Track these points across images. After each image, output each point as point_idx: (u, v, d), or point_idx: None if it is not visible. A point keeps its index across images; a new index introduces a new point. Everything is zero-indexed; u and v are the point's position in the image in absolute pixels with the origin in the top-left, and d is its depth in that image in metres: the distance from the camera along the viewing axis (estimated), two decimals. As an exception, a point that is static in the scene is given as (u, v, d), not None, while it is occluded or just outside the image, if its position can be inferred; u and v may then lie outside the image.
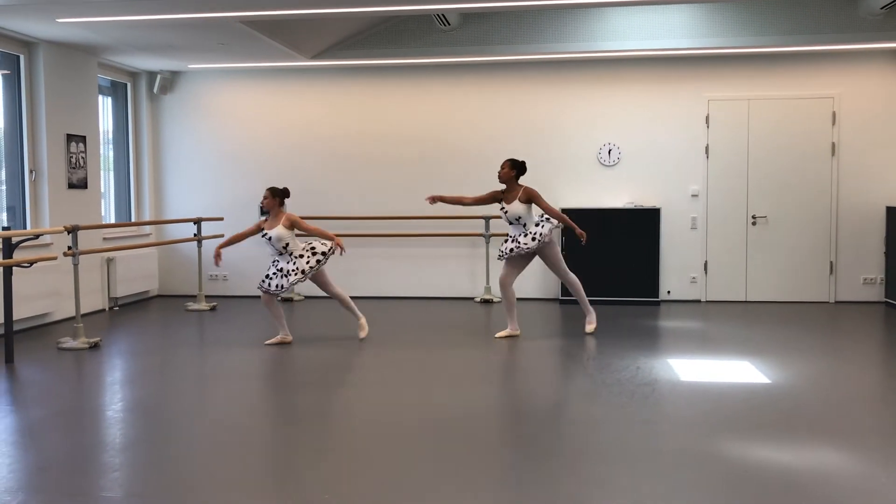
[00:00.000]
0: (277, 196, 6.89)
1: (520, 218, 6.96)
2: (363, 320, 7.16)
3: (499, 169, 7.08)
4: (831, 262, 9.19)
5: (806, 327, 7.74)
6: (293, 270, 6.74)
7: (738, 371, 5.91)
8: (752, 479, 3.76)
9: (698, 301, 9.35)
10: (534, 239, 6.91)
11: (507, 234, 7.16)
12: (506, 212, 7.00)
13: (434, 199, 7.22)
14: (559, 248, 7.20)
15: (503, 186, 7.10)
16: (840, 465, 3.95)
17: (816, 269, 9.21)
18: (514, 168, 7.01)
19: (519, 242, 6.95)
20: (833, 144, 9.10)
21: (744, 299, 9.31)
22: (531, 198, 6.94)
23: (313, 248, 6.85)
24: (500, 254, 7.12)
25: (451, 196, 7.40)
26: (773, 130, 9.17)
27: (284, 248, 6.80)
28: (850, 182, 9.11)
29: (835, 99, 9.07)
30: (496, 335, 7.21)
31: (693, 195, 9.32)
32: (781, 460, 4.02)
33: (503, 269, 7.15)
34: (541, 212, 7.08)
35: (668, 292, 9.37)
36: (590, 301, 7.46)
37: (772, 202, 9.21)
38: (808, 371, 5.90)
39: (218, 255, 6.86)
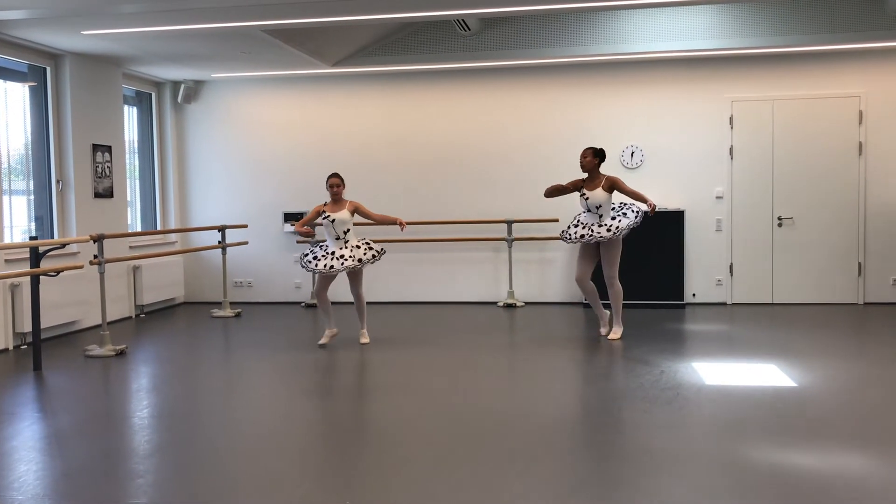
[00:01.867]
0: (343, 183, 7.11)
1: (600, 206, 7.01)
2: (365, 329, 7.33)
3: (580, 158, 7.12)
4: (859, 263, 9.06)
5: (834, 329, 7.64)
6: (351, 256, 6.89)
7: (764, 374, 5.84)
8: (778, 485, 3.71)
9: (724, 304, 9.26)
10: (609, 230, 6.92)
11: (577, 220, 7.18)
12: (587, 199, 7.04)
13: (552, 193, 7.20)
14: (620, 251, 7.12)
15: (584, 175, 7.16)
16: (868, 471, 3.89)
17: (844, 270, 9.09)
18: (597, 156, 7.06)
19: (592, 231, 6.97)
20: (860, 144, 8.98)
21: (770, 301, 9.21)
22: (614, 185, 7.00)
23: (369, 243, 7.06)
24: (567, 237, 7.16)
25: (552, 187, 7.26)
26: (799, 131, 9.07)
27: (345, 233, 6.94)
28: (878, 182, 8.98)
29: (861, 98, 8.95)
30: (609, 337, 7.21)
31: (717, 197, 9.24)
32: (808, 465, 3.97)
33: (578, 269, 7.18)
34: (617, 204, 7.11)
35: (693, 295, 9.29)
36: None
37: (798, 203, 9.10)
38: (835, 374, 5.82)
39: (304, 231, 6.91)
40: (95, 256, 7.02)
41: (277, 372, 6.38)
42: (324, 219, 6.97)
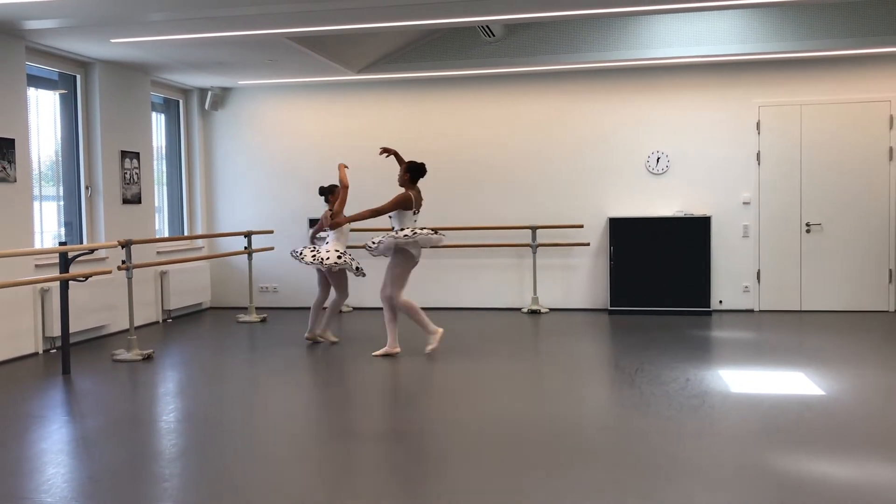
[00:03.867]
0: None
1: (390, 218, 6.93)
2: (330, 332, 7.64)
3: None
4: (890, 270, 8.93)
5: (863, 337, 7.53)
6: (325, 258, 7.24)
7: (792, 382, 5.77)
8: (805, 495, 3.65)
9: (751, 311, 9.17)
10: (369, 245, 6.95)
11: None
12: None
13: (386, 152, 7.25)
14: (399, 269, 6.86)
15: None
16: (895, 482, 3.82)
17: (874, 277, 8.96)
18: (408, 172, 7.01)
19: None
20: (890, 149, 8.86)
21: (798, 309, 9.10)
22: None
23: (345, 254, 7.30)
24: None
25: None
26: (827, 136, 8.96)
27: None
28: (909, 187, 8.86)
29: (891, 102, 8.84)
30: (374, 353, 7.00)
31: (745, 203, 9.16)
32: (836, 475, 3.91)
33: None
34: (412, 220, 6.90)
35: (720, 302, 9.21)
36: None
37: (827, 209, 9.00)
38: (864, 383, 5.74)
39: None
40: (123, 262, 7.10)
41: (302, 377, 6.41)
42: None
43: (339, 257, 7.19)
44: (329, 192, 7.63)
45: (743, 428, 4.72)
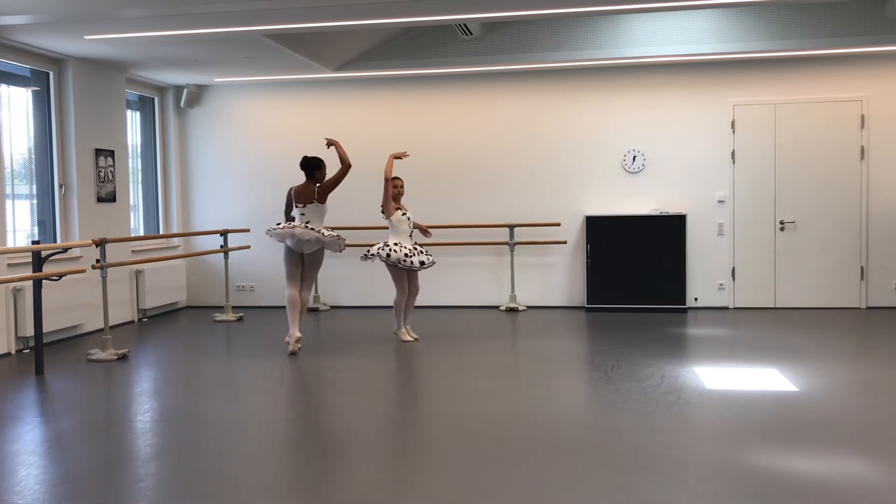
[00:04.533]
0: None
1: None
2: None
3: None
4: (862, 268, 9.05)
5: (836, 334, 7.63)
6: (425, 252, 7.32)
7: (766, 379, 5.83)
8: (779, 490, 3.70)
9: (726, 308, 9.26)
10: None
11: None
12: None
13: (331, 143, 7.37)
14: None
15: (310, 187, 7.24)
16: (870, 476, 3.88)
17: (847, 274, 9.08)
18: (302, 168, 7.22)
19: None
20: (862, 148, 8.98)
21: (773, 306, 9.20)
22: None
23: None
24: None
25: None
26: (801, 135, 9.07)
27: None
28: (881, 186, 8.98)
29: (863, 102, 8.95)
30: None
31: (719, 201, 9.24)
32: (809, 470, 3.96)
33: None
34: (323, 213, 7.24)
35: (696, 299, 9.29)
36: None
37: (800, 207, 9.10)
38: (837, 379, 5.81)
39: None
40: (98, 260, 7.03)
41: (279, 376, 6.39)
42: (402, 214, 7.32)
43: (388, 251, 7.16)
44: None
45: (718, 424, 4.76)
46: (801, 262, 9.13)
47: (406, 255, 7.17)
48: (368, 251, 7.26)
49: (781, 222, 9.14)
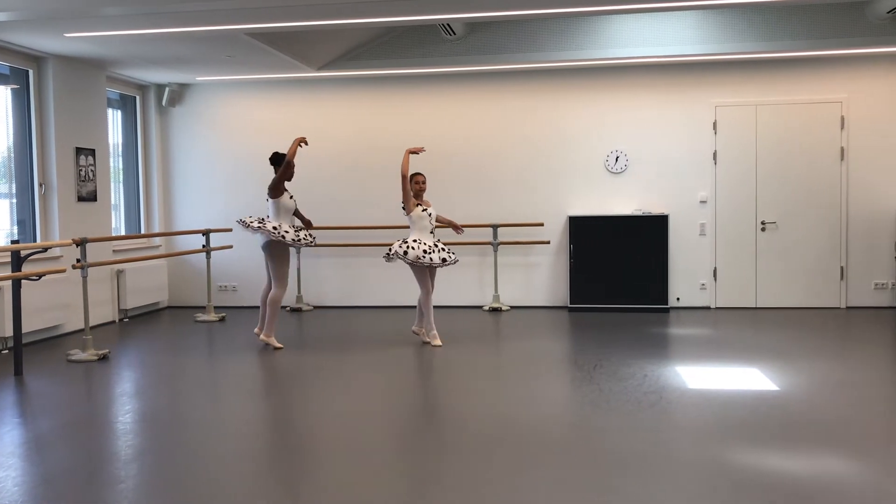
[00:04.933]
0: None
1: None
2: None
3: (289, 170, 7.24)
4: (842, 268, 9.13)
5: (816, 333, 7.69)
6: (446, 249, 7.24)
7: (747, 378, 5.87)
8: (759, 488, 3.73)
9: (708, 308, 9.31)
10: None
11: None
12: (295, 201, 7.44)
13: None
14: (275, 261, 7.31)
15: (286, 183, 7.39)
16: (849, 474, 3.91)
17: (827, 274, 9.15)
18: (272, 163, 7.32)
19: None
20: (842, 149, 9.06)
21: (754, 306, 9.26)
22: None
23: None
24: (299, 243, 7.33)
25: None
26: (782, 136, 9.13)
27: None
28: (860, 187, 9.06)
29: (843, 103, 9.03)
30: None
31: (701, 201, 9.29)
32: (790, 469, 3.99)
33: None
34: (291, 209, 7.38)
35: (678, 299, 9.33)
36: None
37: (781, 208, 9.17)
38: (817, 378, 5.86)
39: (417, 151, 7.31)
40: (78, 260, 6.98)
41: (260, 377, 6.36)
42: (422, 210, 7.23)
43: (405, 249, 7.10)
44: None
45: (699, 423, 4.79)
46: (781, 262, 9.20)
47: (425, 251, 7.05)
48: (390, 250, 7.15)
49: (763, 223, 9.21)
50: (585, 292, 9.19)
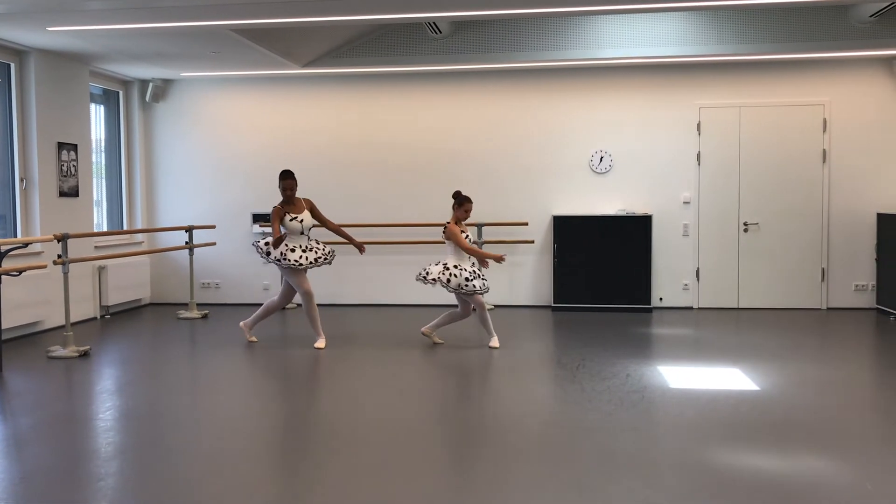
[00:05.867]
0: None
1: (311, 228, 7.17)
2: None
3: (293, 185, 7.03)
4: (823, 269, 9.20)
5: (797, 334, 7.75)
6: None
7: (728, 378, 5.91)
8: (740, 487, 3.75)
9: (690, 308, 9.36)
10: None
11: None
12: (302, 221, 7.04)
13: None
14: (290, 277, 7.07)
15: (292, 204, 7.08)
16: (829, 473, 3.95)
17: (808, 275, 9.23)
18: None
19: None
20: (824, 151, 9.13)
21: (736, 306, 9.32)
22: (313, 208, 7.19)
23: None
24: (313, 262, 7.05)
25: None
26: (765, 137, 9.19)
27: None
28: (841, 189, 9.14)
29: (825, 106, 9.10)
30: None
31: (685, 202, 9.34)
32: (770, 468, 4.02)
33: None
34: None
35: (661, 299, 9.38)
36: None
37: (763, 209, 9.23)
38: (798, 378, 5.91)
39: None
40: (59, 256, 6.92)
41: (243, 374, 6.34)
42: (291, 220, 6.95)
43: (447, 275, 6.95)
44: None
45: (681, 422, 4.81)
46: (763, 263, 9.27)
47: (467, 279, 6.89)
48: (427, 273, 7.02)
49: (745, 224, 9.27)
50: (569, 292, 9.21)
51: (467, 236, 7.07)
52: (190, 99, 10.03)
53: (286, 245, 6.94)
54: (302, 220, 7.00)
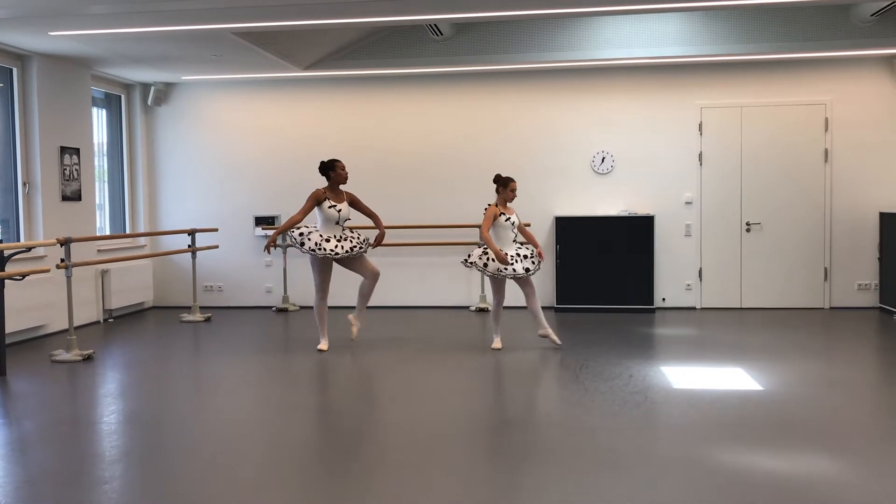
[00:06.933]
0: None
1: (349, 219, 7.02)
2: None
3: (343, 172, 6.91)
4: (825, 269, 9.19)
5: (800, 334, 7.74)
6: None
7: (732, 378, 5.90)
8: (744, 487, 3.75)
9: (693, 308, 9.35)
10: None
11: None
12: (339, 211, 6.88)
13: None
14: (314, 270, 6.99)
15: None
16: (833, 473, 3.94)
17: (811, 275, 9.22)
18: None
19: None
20: (826, 151, 9.12)
21: (739, 306, 9.31)
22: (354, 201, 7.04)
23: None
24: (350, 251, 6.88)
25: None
26: (766, 137, 9.19)
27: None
28: (844, 188, 9.13)
29: (827, 105, 9.10)
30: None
31: (687, 202, 9.33)
32: (774, 468, 4.02)
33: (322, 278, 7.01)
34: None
35: (663, 300, 9.37)
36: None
37: (766, 209, 9.22)
38: (801, 378, 5.90)
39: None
40: (62, 260, 6.93)
41: (247, 377, 6.34)
42: (330, 207, 6.82)
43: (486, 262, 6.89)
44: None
45: (684, 423, 4.81)
46: (766, 263, 9.26)
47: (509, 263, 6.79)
48: (469, 258, 6.96)
49: (747, 224, 9.26)
50: (571, 292, 9.21)
51: (509, 219, 6.92)
52: (192, 102, 10.05)
53: (321, 235, 6.83)
54: (340, 210, 6.87)
